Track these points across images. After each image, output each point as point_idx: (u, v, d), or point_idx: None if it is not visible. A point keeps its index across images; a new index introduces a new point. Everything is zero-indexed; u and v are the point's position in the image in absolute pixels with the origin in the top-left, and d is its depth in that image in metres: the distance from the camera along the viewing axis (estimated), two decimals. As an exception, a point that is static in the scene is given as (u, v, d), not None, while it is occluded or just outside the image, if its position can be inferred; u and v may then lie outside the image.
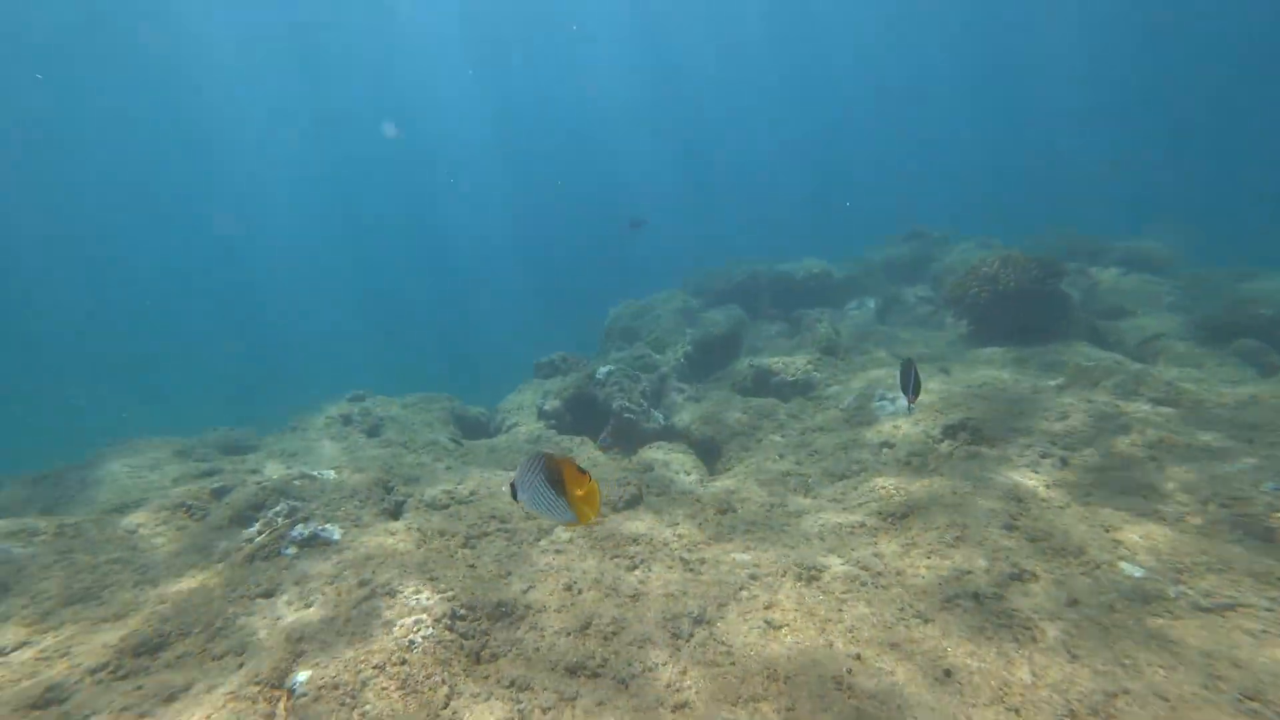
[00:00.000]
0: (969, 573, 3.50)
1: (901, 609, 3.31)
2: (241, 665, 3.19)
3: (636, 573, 4.02)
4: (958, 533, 3.78)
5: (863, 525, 4.09)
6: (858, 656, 3.00)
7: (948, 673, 2.85)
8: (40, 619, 3.44)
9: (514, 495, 2.21)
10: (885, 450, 5.10)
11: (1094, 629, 3.04)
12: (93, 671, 3.08)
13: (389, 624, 3.35)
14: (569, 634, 3.41)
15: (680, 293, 12.18)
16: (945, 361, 7.35)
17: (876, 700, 2.72)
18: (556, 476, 2.13)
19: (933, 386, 6.10)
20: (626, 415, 7.35)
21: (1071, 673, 2.79)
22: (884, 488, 4.49)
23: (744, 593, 3.60)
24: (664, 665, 3.07)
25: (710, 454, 6.65)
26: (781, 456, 5.67)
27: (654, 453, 6.59)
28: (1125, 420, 5.04)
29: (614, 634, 3.40)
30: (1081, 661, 2.86)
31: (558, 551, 4.40)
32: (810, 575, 3.69)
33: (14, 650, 3.21)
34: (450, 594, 3.63)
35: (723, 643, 3.20)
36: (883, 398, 5.87)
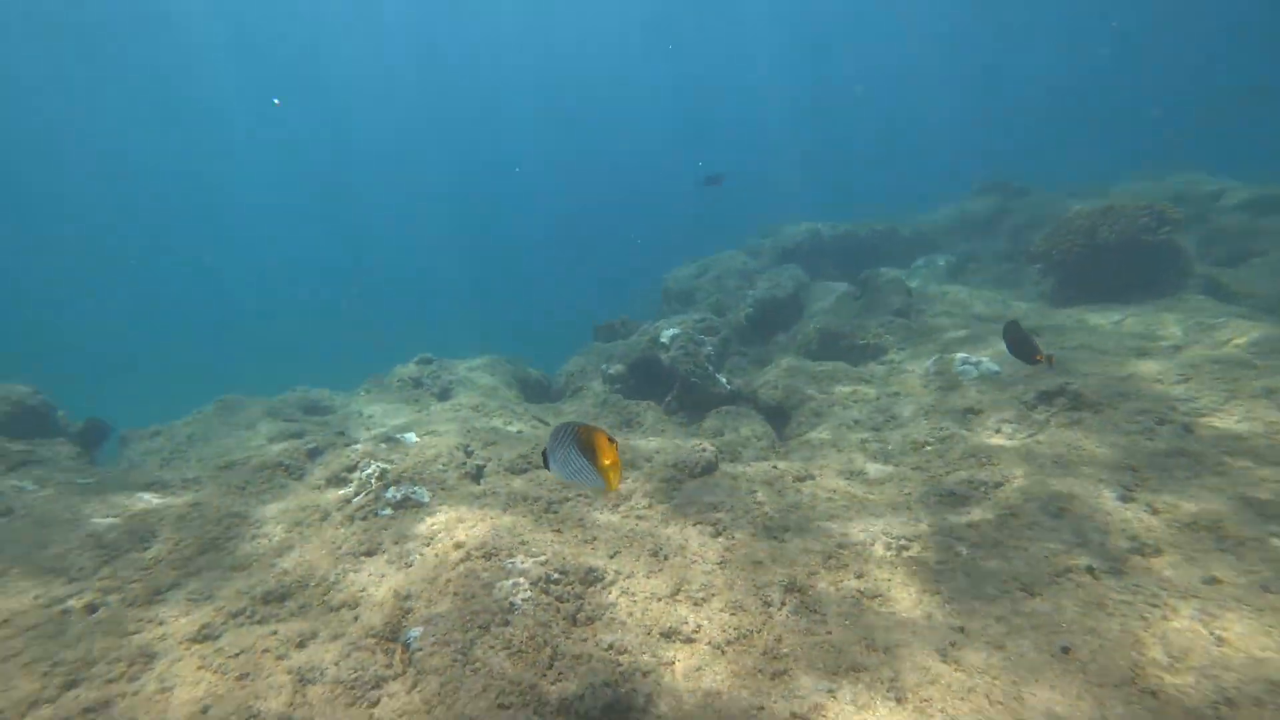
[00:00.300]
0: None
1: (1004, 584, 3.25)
2: (357, 618, 3.41)
3: (720, 540, 4.08)
4: (1062, 504, 3.66)
5: (952, 495, 4.01)
6: (961, 629, 2.98)
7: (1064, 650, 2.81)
8: (181, 564, 3.76)
9: (545, 464, 2.34)
10: (971, 417, 4.95)
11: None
12: (234, 615, 3.35)
13: (488, 585, 3.51)
14: (659, 599, 3.50)
15: (739, 254, 11.93)
16: (1029, 321, 7.00)
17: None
18: (588, 446, 2.23)
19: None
20: (692, 380, 7.34)
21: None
22: (974, 456, 4.36)
23: (832, 561, 3.60)
24: (758, 632, 3.13)
25: (780, 419, 6.60)
26: (857, 422, 5.58)
27: (722, 418, 6.58)
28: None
29: (704, 600, 3.47)
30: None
31: (639, 518, 4.49)
32: (900, 545, 3.65)
33: (168, 590, 3.52)
34: (542, 559, 3.76)
35: (815, 611, 3.23)
36: (966, 361, 5.65)
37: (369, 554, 3.97)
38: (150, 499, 4.33)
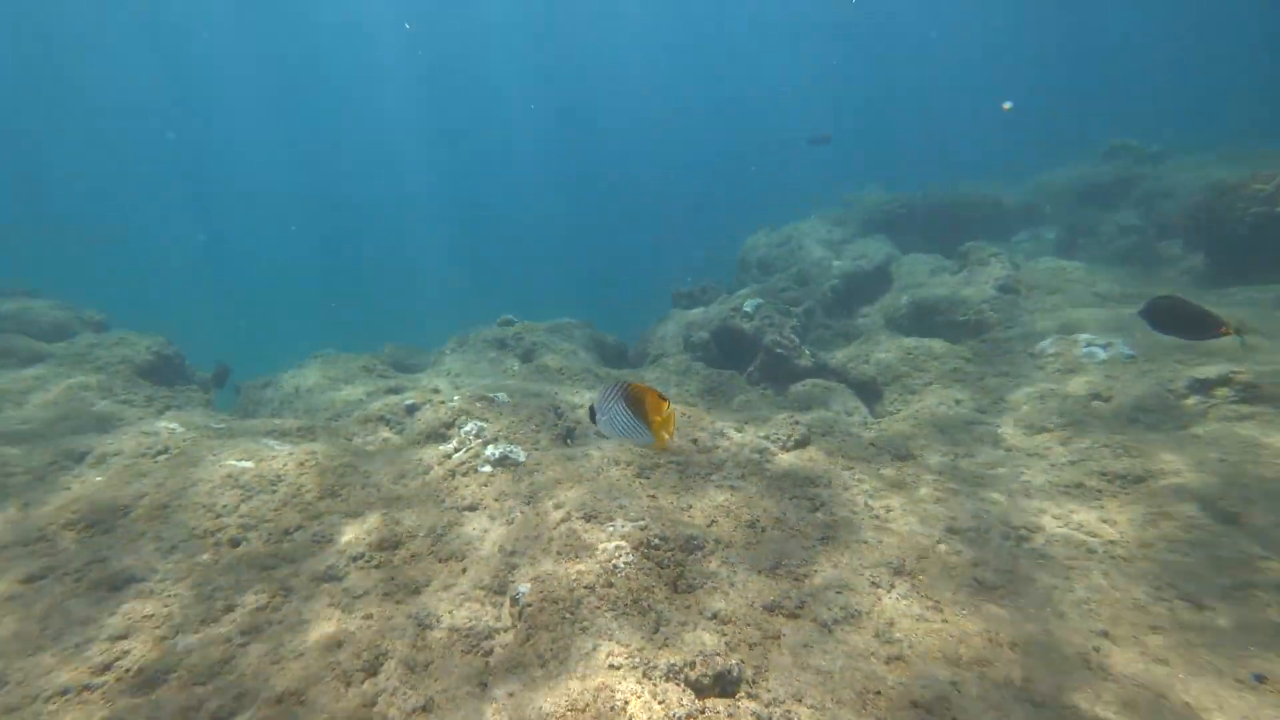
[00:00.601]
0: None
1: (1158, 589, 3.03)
2: (465, 570, 3.56)
3: (819, 514, 4.00)
4: (1234, 507, 3.36)
5: (1080, 486, 3.75)
6: (1106, 634, 2.81)
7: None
8: (304, 508, 4.03)
9: (591, 418, 2.39)
10: (1098, 403, 4.59)
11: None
12: (354, 559, 3.57)
13: (590, 547, 3.57)
14: (759, 571, 3.47)
15: (822, 222, 11.46)
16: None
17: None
18: (637, 403, 2.28)
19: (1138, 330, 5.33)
20: (778, 351, 7.17)
21: None
22: (1106, 444, 4.06)
23: (942, 546, 3.46)
24: (868, 614, 3.05)
25: (870, 395, 6.37)
26: (959, 403, 5.30)
27: (809, 391, 6.42)
28: None
29: (805, 575, 3.42)
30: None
31: (732, 489, 4.45)
32: (1019, 537, 3.47)
33: (295, 531, 3.79)
34: (641, 523, 3.79)
35: (930, 598, 3.12)
36: (1092, 343, 5.23)
37: (471, 509, 4.12)
38: (274, 445, 4.63)
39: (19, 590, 3.16)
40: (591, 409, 2.40)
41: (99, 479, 4.04)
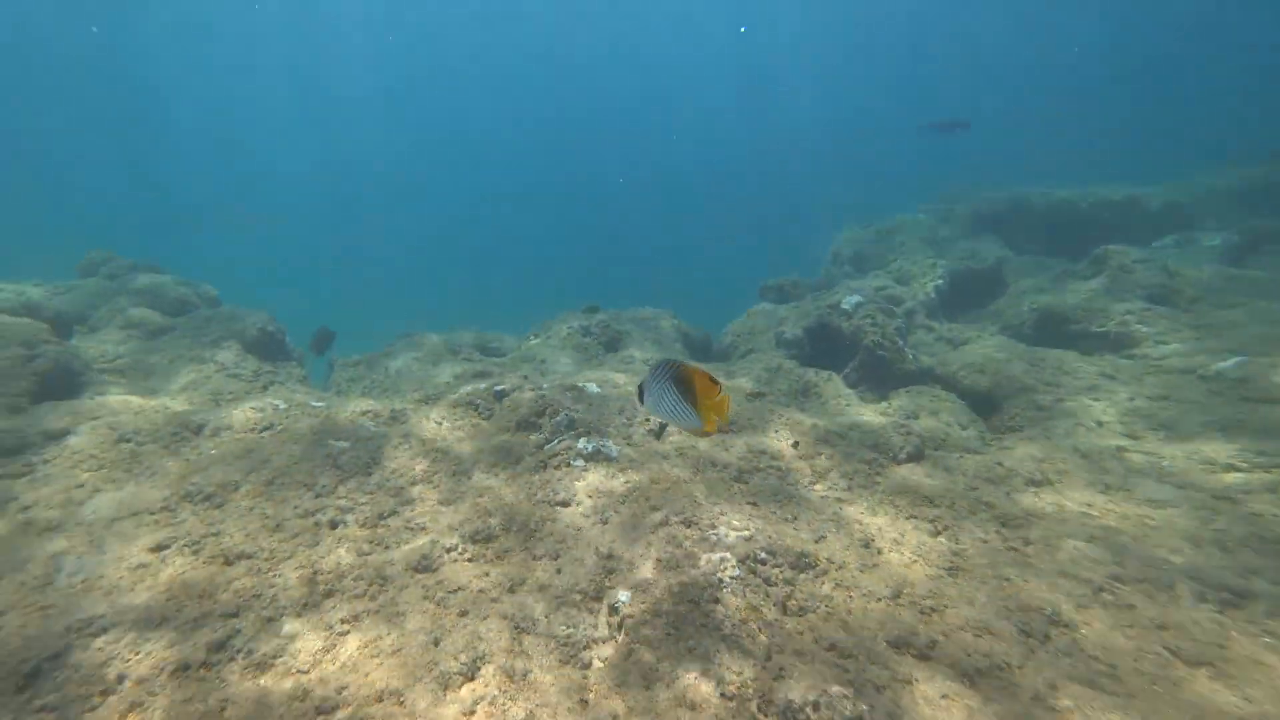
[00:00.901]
0: None
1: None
2: (559, 571, 3.39)
3: (942, 539, 3.59)
4: None
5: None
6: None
7: None
8: (397, 492, 4.00)
9: (640, 398, 2.27)
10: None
11: None
12: (448, 550, 3.48)
13: (691, 556, 3.33)
14: (880, 599, 3.13)
15: (924, 218, 10.69)
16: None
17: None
18: (687, 385, 2.14)
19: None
20: (879, 353, 6.67)
21: None
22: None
23: (1105, 595, 3.00)
24: (1019, 668, 2.65)
25: (985, 408, 5.80)
26: (1101, 425, 4.69)
27: (915, 398, 5.91)
28: None
29: (934, 610, 3.05)
30: None
31: (839, 500, 4.10)
32: (1230, 602, 2.95)
33: (390, 516, 3.75)
34: (746, 533, 3.52)
35: (1093, 655, 2.68)
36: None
37: (564, 504, 3.97)
38: (370, 426, 4.65)
39: (148, 559, 3.25)
40: (640, 388, 2.26)
41: (214, 451, 4.16)
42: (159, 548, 3.37)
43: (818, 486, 4.30)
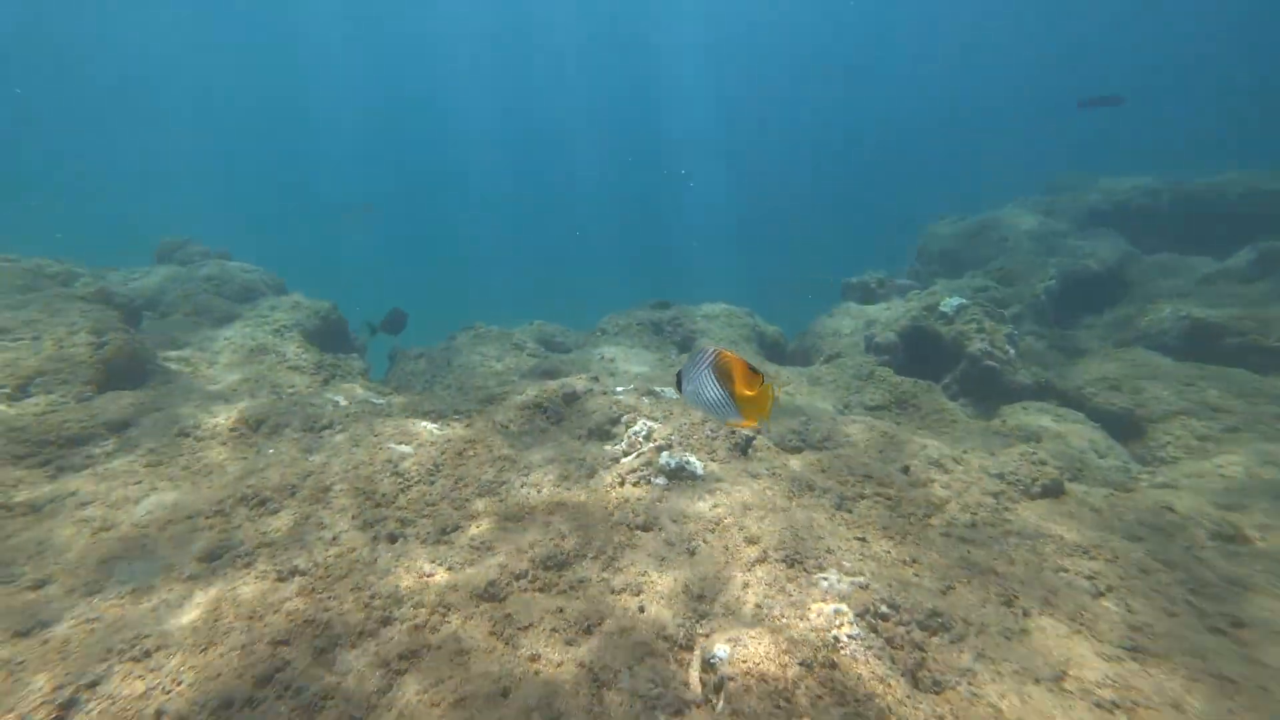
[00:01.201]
0: None
1: None
2: (642, 609, 2.94)
3: (1109, 603, 2.94)
4: None
5: None
6: None
7: None
8: (461, 505, 3.64)
9: (678, 386, 2.17)
10: None
11: None
12: (517, 577, 3.09)
13: (798, 606, 2.82)
14: (1038, 681, 2.53)
15: (1028, 211, 9.68)
16: None
17: None
18: (725, 374, 2.04)
19: None
20: (987, 363, 5.92)
21: None
22: None
23: (1357, 700, 2.30)
24: (1256, 797, 2.02)
25: (1123, 431, 5.00)
26: (1291, 462, 3.87)
27: (1034, 417, 5.16)
28: None
29: (1117, 706, 2.42)
30: None
31: (963, 539, 3.48)
32: None
33: (453, 531, 3.40)
34: (861, 580, 2.97)
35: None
36: None
37: (645, 528, 3.52)
38: (431, 429, 4.33)
39: (198, 570, 2.99)
40: (679, 376, 2.15)
41: (270, 451, 3.91)
42: (210, 557, 3.11)
43: (934, 520, 3.69)
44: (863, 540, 3.43)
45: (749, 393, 2.06)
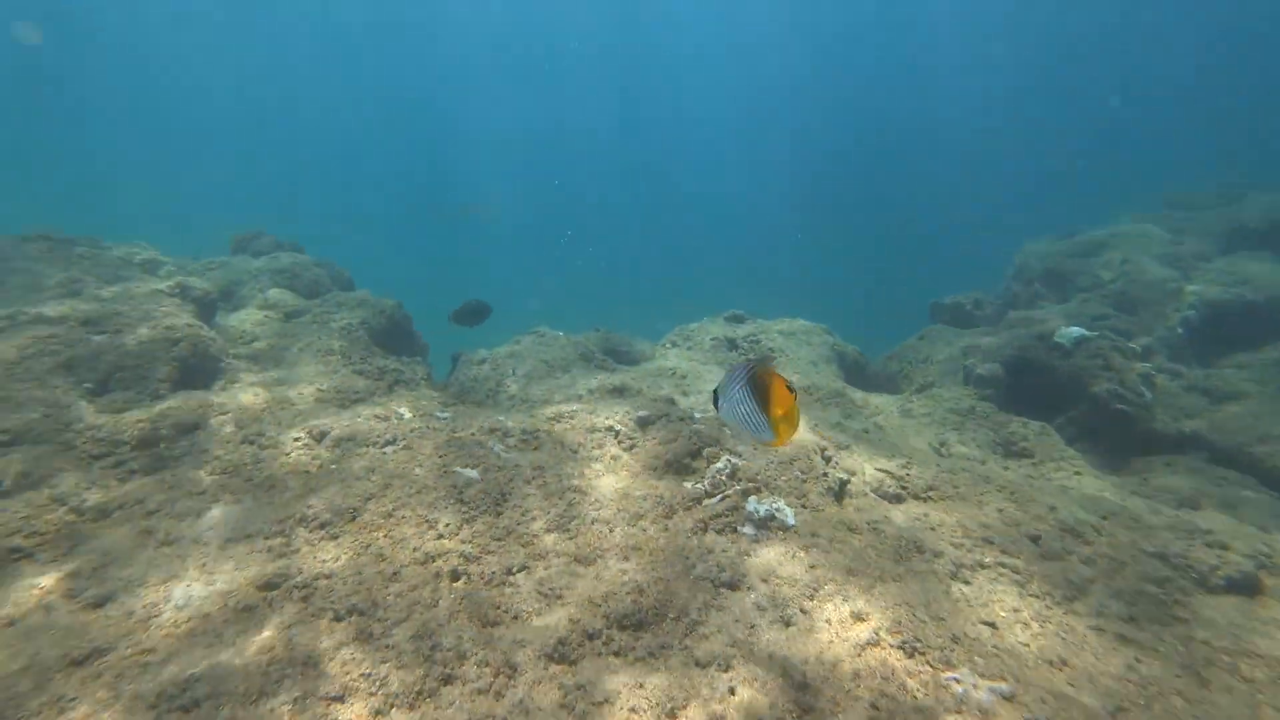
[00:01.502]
0: None
1: None
2: (733, 690, 2.53)
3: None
4: None
5: None
6: None
7: None
8: (529, 541, 3.33)
9: (714, 402, 2.19)
10: None
11: None
12: (590, 636, 2.74)
13: (926, 713, 2.34)
14: None
15: (1154, 229, 8.65)
16: None
17: None
18: (761, 389, 2.02)
19: None
20: (1118, 406, 5.19)
21: None
22: None
23: None
24: None
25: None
26: None
27: (1187, 478, 4.44)
28: None
29: None
30: None
31: (1121, 635, 2.89)
32: None
33: (519, 572, 3.09)
34: (1004, 688, 2.46)
35: None
36: None
37: (732, 587, 3.10)
38: (499, 450, 4.05)
39: (255, 600, 2.79)
40: (716, 392, 2.17)
41: (334, 467, 3.72)
42: (269, 585, 2.90)
43: (1078, 607, 3.11)
44: (992, 627, 2.91)
45: (780, 410, 2.02)
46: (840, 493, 4.07)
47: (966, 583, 3.26)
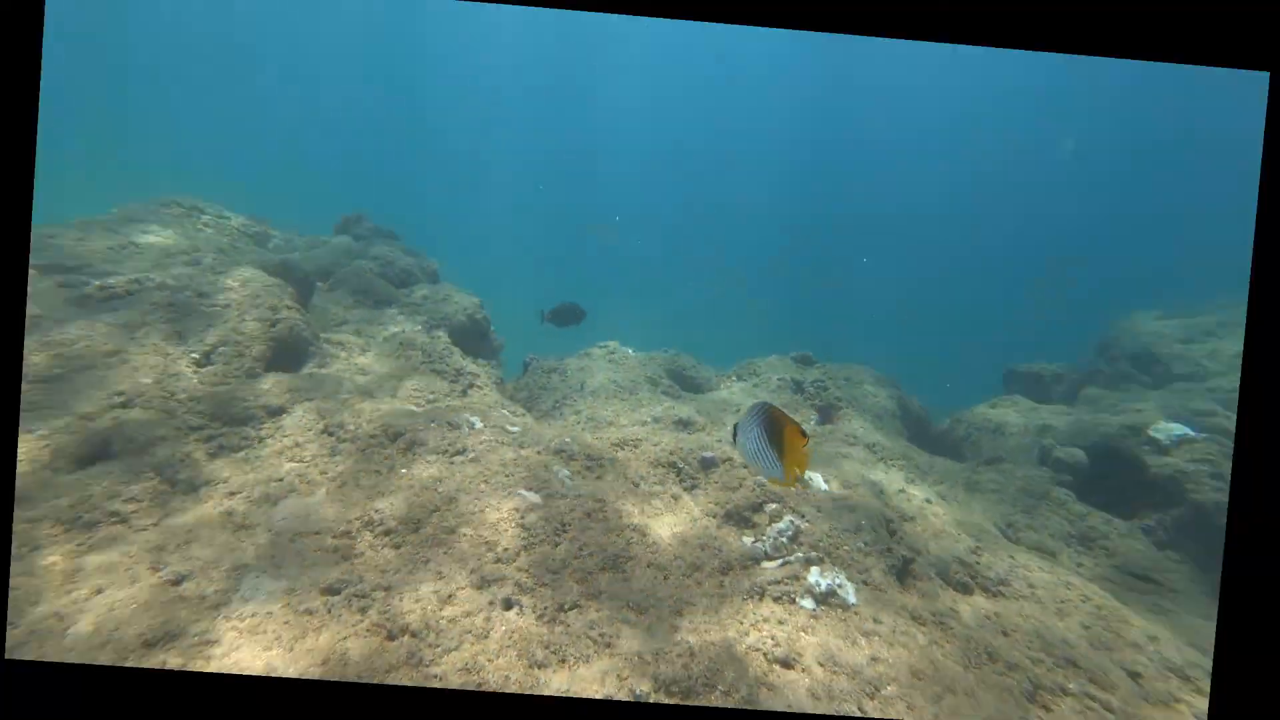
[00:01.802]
0: None
1: None
2: (780, 783, 2.42)
3: None
4: None
5: None
6: None
7: None
8: (584, 578, 3.31)
9: (734, 437, 2.30)
10: None
11: None
12: (635, 698, 2.67)
13: None
14: None
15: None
16: None
17: None
18: (775, 429, 2.15)
19: None
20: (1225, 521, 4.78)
21: None
22: None
23: None
24: None
25: None
26: None
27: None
28: None
29: None
30: None
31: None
32: None
33: (570, 610, 3.06)
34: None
35: None
36: None
37: (786, 665, 2.99)
38: (563, 476, 4.05)
39: (316, 604, 2.86)
40: (735, 429, 2.30)
41: (404, 471, 3.79)
42: (331, 590, 2.97)
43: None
44: (1067, 757, 2.70)
45: (792, 454, 2.15)
46: (904, 571, 3.89)
47: (1047, 709, 3.04)
